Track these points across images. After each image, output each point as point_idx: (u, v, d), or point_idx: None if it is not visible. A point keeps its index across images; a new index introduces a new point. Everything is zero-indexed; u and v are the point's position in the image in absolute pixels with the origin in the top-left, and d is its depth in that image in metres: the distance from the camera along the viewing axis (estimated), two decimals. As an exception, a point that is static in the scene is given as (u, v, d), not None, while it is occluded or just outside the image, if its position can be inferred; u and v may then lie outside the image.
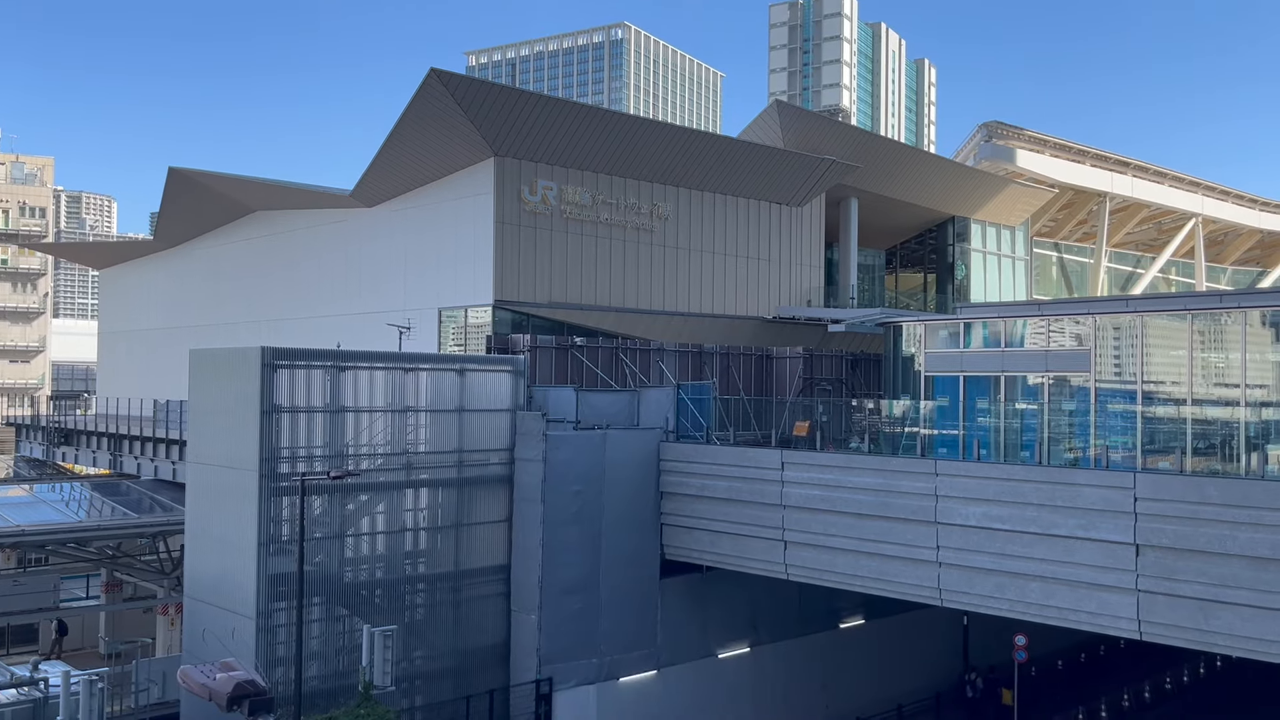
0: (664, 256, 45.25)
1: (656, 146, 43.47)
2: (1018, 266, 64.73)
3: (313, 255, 50.23)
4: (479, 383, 30.77)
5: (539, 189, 40.68)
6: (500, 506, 30.92)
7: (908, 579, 26.71)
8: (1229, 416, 29.47)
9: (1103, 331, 33.76)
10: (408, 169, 42.48)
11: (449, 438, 30.10)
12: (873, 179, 52.87)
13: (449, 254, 41.71)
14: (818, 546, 28.47)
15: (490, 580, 30.67)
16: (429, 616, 29.63)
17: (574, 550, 30.34)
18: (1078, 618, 23.93)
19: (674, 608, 32.50)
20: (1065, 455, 30.14)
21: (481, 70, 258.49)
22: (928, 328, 38.16)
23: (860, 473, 27.81)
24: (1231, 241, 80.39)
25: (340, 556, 28.01)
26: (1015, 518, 24.64)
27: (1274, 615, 20.85)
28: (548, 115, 39.58)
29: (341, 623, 27.77)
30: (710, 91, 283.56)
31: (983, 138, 61.65)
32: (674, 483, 31.90)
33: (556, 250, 41.34)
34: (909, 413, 34.70)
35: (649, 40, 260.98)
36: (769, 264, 49.63)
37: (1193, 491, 22.12)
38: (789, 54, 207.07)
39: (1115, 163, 67.14)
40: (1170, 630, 22.47)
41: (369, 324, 43.05)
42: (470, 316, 40.99)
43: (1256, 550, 21.03)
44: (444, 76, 37.00)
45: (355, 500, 28.56)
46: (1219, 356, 32.25)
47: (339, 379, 28.01)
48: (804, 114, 53.60)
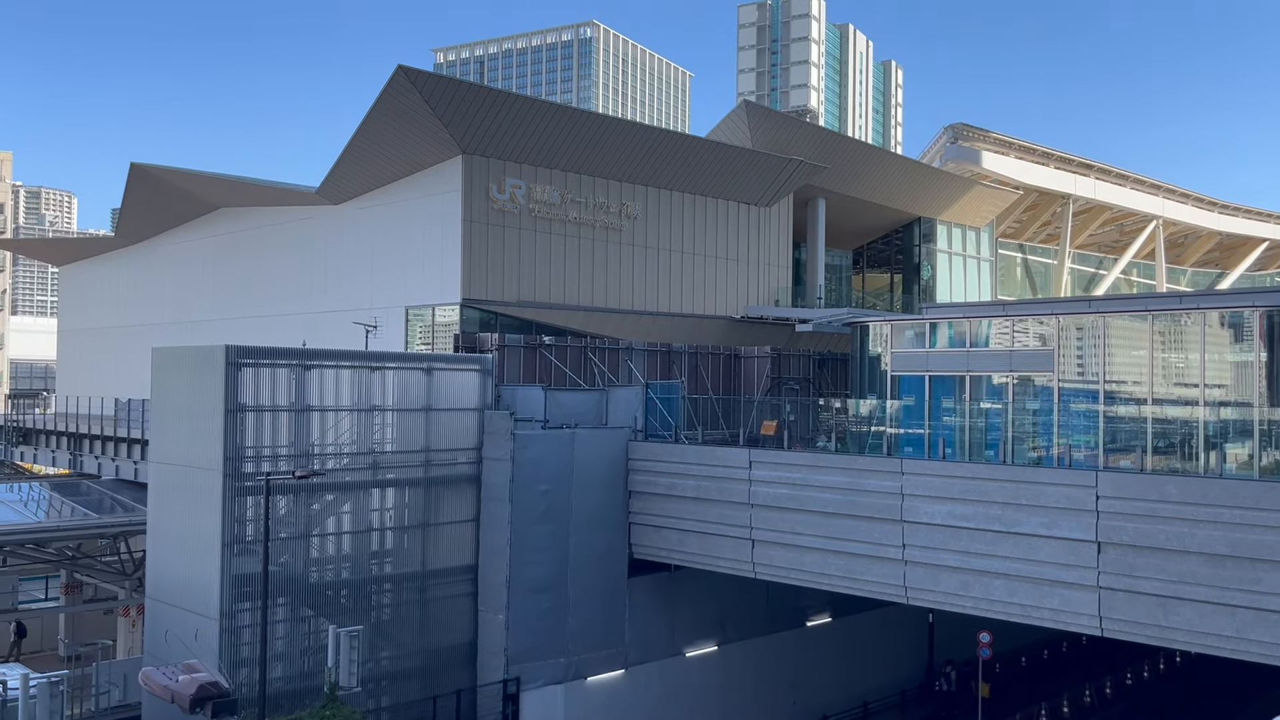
0: (633, 256, 45.26)
1: (625, 146, 43.47)
2: (983, 267, 65.38)
3: (278, 253, 49.76)
4: (446, 382, 30.62)
5: (507, 187, 40.55)
6: (467, 506, 30.78)
7: (874, 577, 26.90)
8: (1188, 416, 29.92)
9: (1066, 332, 34.16)
10: (375, 166, 42.18)
11: (416, 437, 29.92)
12: (840, 180, 53.19)
13: (416, 252, 41.47)
14: (785, 545, 28.60)
15: (457, 580, 30.53)
16: (395, 616, 29.45)
17: (542, 550, 30.27)
18: (1040, 615, 24.21)
19: (642, 607, 32.52)
20: (1029, 454, 30.48)
21: (449, 68, 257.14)
22: (894, 327, 38.44)
23: (827, 471, 27.97)
24: (1191, 243, 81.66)
25: (305, 557, 27.77)
26: (980, 516, 24.88)
27: (1230, 611, 21.21)
28: (516, 113, 39.46)
29: (307, 623, 27.52)
30: (679, 91, 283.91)
31: (949, 139, 62.19)
32: (642, 482, 31.92)
33: (525, 249, 41.23)
34: (875, 412, 34.94)
35: (618, 39, 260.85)
36: (737, 264, 49.78)
37: (1153, 490, 22.45)
38: (757, 54, 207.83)
39: (1078, 165, 67.99)
40: (1130, 626, 22.79)
41: (335, 322, 42.72)
42: (438, 315, 40.79)
43: (1214, 547, 21.38)
44: (412, 74, 36.79)
45: (321, 500, 28.32)
46: (1179, 357, 32.74)
47: (304, 378, 27.76)
48: (772, 114, 53.82)
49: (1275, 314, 30.46)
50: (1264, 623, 20.80)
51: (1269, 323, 30.34)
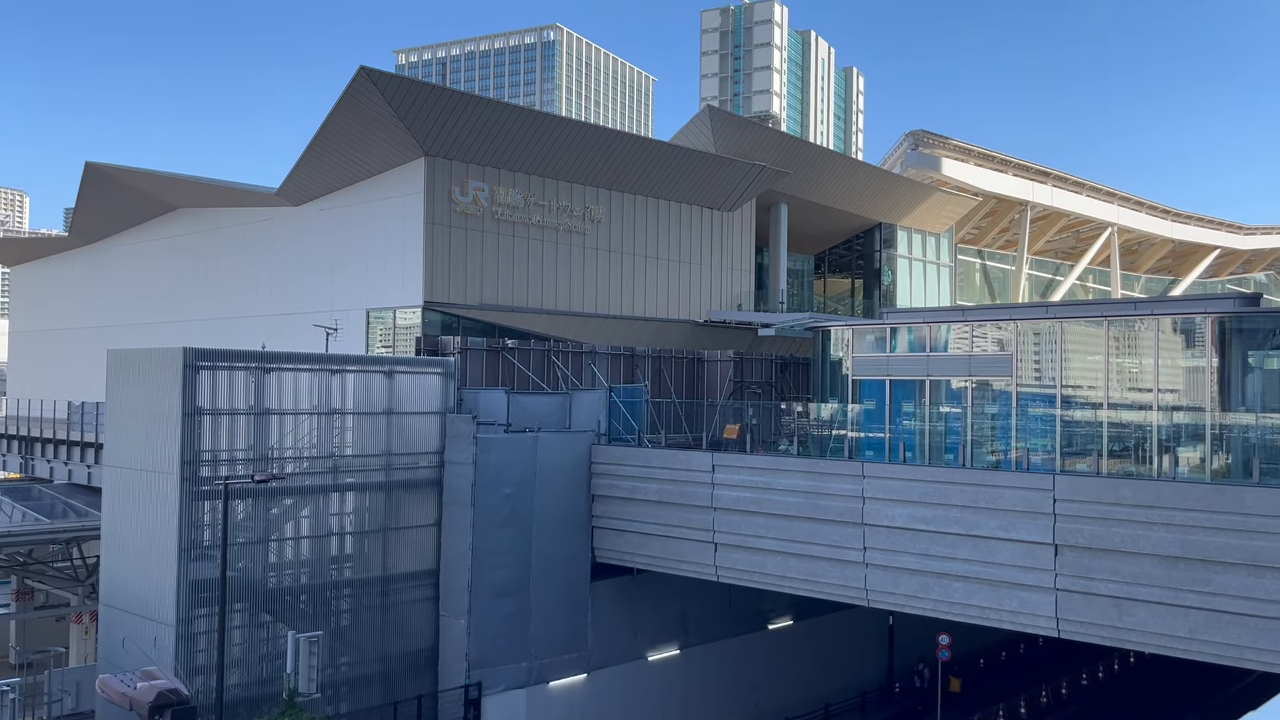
0: (596, 259, 45.26)
1: (589, 149, 43.47)
2: (942, 272, 66.10)
3: (237, 254, 49.19)
4: (408, 385, 30.42)
5: (470, 190, 40.39)
6: (429, 510, 30.59)
7: (835, 580, 27.08)
8: (1143, 420, 30.42)
9: (1024, 337, 34.58)
10: (336, 168, 41.84)
11: (377, 441, 29.70)
12: (802, 185, 53.54)
13: (378, 254, 41.18)
14: (748, 548, 28.71)
15: (419, 585, 30.33)
16: (356, 622, 29.18)
17: (504, 554, 30.15)
18: (999, 616, 24.49)
19: (605, 610, 32.49)
20: (988, 458, 30.85)
21: (411, 69, 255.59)
22: (855, 332, 38.71)
23: (789, 475, 28.12)
24: (1145, 250, 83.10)
25: (264, 562, 27.45)
26: (939, 519, 25.13)
27: (1183, 612, 21.59)
28: (479, 116, 39.32)
29: (265, 629, 27.21)
30: (642, 95, 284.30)
31: (909, 146, 62.82)
32: (605, 485, 31.90)
33: (488, 251, 41.08)
34: (837, 416, 35.19)
35: (581, 42, 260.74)
36: (700, 268, 49.94)
37: (1108, 493, 22.80)
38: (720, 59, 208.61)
39: (1036, 173, 68.98)
40: (1086, 628, 23.13)
41: (295, 325, 42.29)
42: (399, 318, 40.52)
43: (1167, 549, 21.76)
44: (374, 75, 36.55)
45: (280, 504, 28.01)
46: (1133, 362, 33.25)
47: (264, 381, 27.46)
48: (735, 120, 54.06)
49: (1226, 320, 31.06)
50: (1215, 623, 21.20)
51: (1220, 329, 30.92)
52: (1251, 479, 22.62)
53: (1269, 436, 26.78)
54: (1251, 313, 32.80)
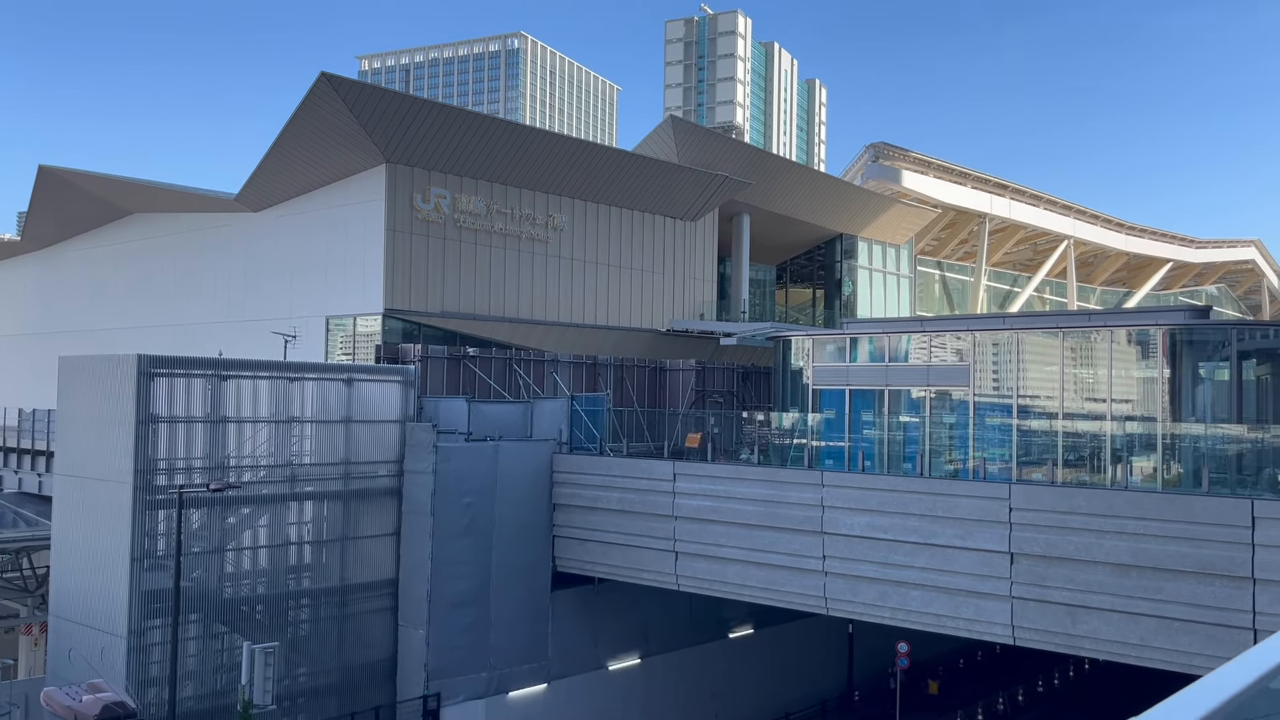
0: (559, 267, 45.21)
1: (552, 158, 43.45)
2: (902, 283, 66.73)
3: (194, 260, 48.57)
4: (367, 393, 30.20)
5: (432, 197, 40.20)
6: (388, 519, 30.35)
7: (795, 588, 27.22)
8: (1097, 430, 30.91)
9: (981, 348, 35.04)
10: (296, 173, 41.49)
11: (335, 449, 29.43)
12: (765, 196, 53.86)
13: (338, 261, 40.86)
14: (708, 557, 28.77)
15: (377, 595, 30.07)
16: (313, 632, 28.86)
17: (464, 563, 29.99)
18: (955, 624, 24.73)
19: (565, 620, 32.40)
20: (945, 467, 31.15)
21: (374, 75, 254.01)
22: (815, 342, 39.00)
23: (750, 484, 28.24)
24: (1101, 263, 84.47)
25: (220, 571, 27.09)
26: (897, 527, 25.35)
27: (1135, 620, 21.93)
28: (442, 123, 39.18)
29: (220, 640, 26.84)
30: (606, 104, 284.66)
31: (870, 158, 63.42)
32: (567, 494, 31.85)
33: (449, 259, 40.90)
34: (797, 425, 35.40)
35: (545, 51, 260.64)
36: (663, 277, 50.05)
37: (1062, 502, 23.13)
38: (684, 70, 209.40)
39: (994, 185, 69.89)
40: (1041, 635, 23.42)
41: (253, 332, 41.81)
42: (359, 325, 40.21)
43: (1119, 557, 22.11)
44: (335, 81, 36.31)
45: (237, 513, 27.67)
46: (1088, 373, 33.80)
47: (221, 388, 27.14)
48: (698, 130, 54.30)
49: (1177, 332, 31.67)
50: (1165, 630, 21.56)
51: (1171, 341, 31.52)
52: (1201, 488, 23.04)
53: (1218, 446, 27.31)
54: (1202, 325, 33.49)
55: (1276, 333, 34.13)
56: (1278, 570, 20.18)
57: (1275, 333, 34.39)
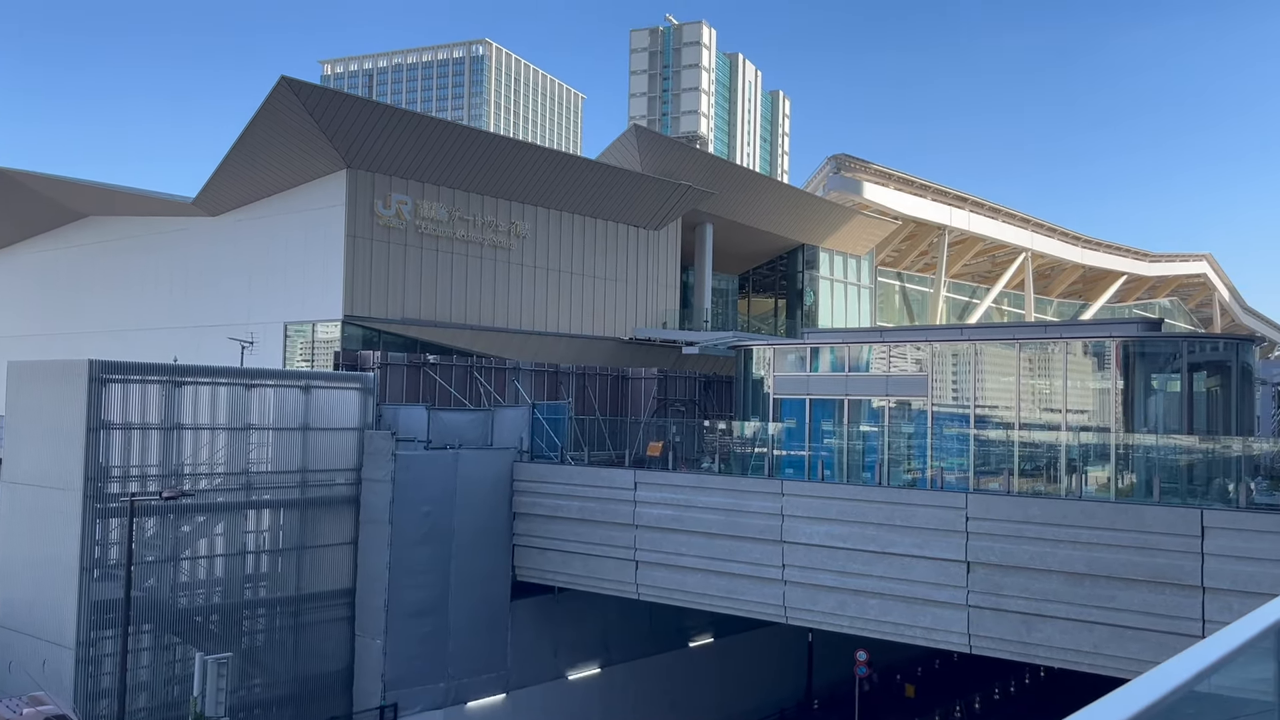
0: (521, 275, 45.09)
1: (515, 165, 43.37)
2: (863, 294, 67.30)
3: (150, 264, 47.89)
4: (325, 400, 29.89)
5: (393, 203, 39.96)
6: (346, 528, 30.04)
7: (755, 597, 27.27)
8: (1053, 440, 31.30)
9: (940, 358, 35.38)
10: (255, 178, 41.06)
11: (292, 457, 29.09)
12: (728, 206, 54.11)
13: (297, 267, 40.47)
14: (669, 566, 28.76)
15: (334, 604, 29.73)
16: (268, 642, 28.48)
17: (422, 572, 29.74)
18: (913, 633, 24.90)
19: (525, 629, 32.24)
20: (904, 476, 31.41)
21: (337, 80, 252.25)
22: (776, 351, 39.19)
23: (710, 492, 28.28)
24: (1058, 275, 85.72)
25: (173, 581, 26.65)
26: (856, 536, 25.50)
27: (1088, 628, 22.21)
28: (404, 128, 38.99)
29: (173, 651, 26.39)
30: (571, 112, 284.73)
31: (831, 169, 63.93)
32: (527, 503, 31.71)
33: (410, 266, 40.65)
34: (758, 434, 35.52)
35: (510, 58, 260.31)
36: (626, 285, 50.08)
37: (1018, 511, 23.38)
38: (649, 79, 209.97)
39: (954, 198, 70.73)
40: (996, 643, 23.64)
41: (210, 337, 41.30)
42: (318, 332, 39.83)
43: (1073, 566, 22.38)
44: (295, 85, 36.01)
45: (191, 522, 27.26)
46: (1045, 384, 34.23)
47: (175, 394, 26.74)
48: (662, 139, 54.47)
49: (1131, 344, 32.18)
50: (1118, 638, 21.85)
51: (1125, 353, 32.03)
52: (1153, 498, 23.42)
53: (1169, 457, 27.77)
54: (1154, 337, 34.06)
55: (1226, 345, 34.81)
56: (1226, 579, 20.54)
57: (1225, 345, 35.07)
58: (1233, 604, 20.35)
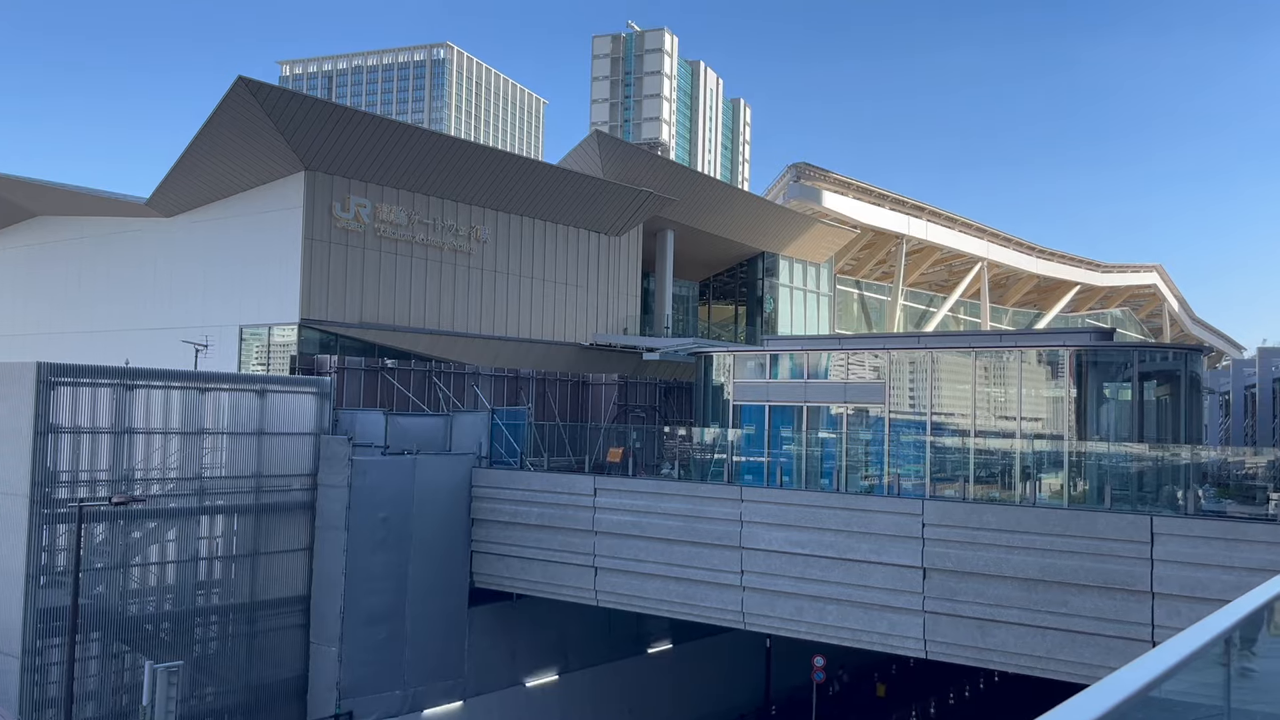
0: (481, 280, 44.87)
1: (476, 169, 43.18)
2: (822, 301, 67.77)
3: (102, 266, 47.05)
4: (281, 404, 29.53)
5: (352, 206, 39.60)
6: (301, 534, 29.68)
7: (713, 603, 27.32)
8: (1007, 447, 31.72)
9: (897, 366, 35.72)
10: (211, 179, 40.51)
11: (247, 462, 28.71)
12: (689, 213, 54.26)
13: (254, 269, 39.96)
14: (628, 572, 28.74)
15: (288, 611, 29.35)
16: (221, 650, 28.05)
17: (379, 579, 29.46)
18: (870, 638, 25.07)
19: (482, 636, 32.03)
20: (862, 483, 31.66)
21: (295, 81, 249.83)
22: (736, 358, 39.35)
23: (670, 499, 28.31)
24: (1013, 285, 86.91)
25: (123, 588, 26.16)
26: (814, 543, 25.64)
27: (1041, 633, 22.50)
28: (363, 131, 38.67)
29: (122, 659, 25.90)
30: (533, 117, 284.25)
31: (791, 178, 64.35)
32: (486, 509, 31.54)
33: (369, 269, 40.30)
34: (718, 440, 35.64)
35: (472, 62, 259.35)
36: (587, 291, 50.03)
37: (973, 517, 23.65)
38: (611, 85, 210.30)
39: (912, 207, 71.49)
40: (952, 649, 23.87)
41: (163, 340, 40.63)
42: (275, 335, 39.34)
43: (1027, 572, 22.67)
44: (252, 85, 35.58)
45: (142, 527, 26.78)
46: (1000, 391, 34.68)
47: (127, 398, 26.27)
48: (623, 145, 54.51)
49: (1083, 353, 32.69)
50: (1070, 643, 22.16)
51: (1078, 361, 32.53)
52: (1104, 504, 23.79)
53: (1120, 464, 28.24)
54: (1106, 347, 34.63)
55: (1175, 355, 35.48)
56: (1175, 584, 20.91)
57: (1174, 355, 35.75)
58: (1181, 609, 20.73)
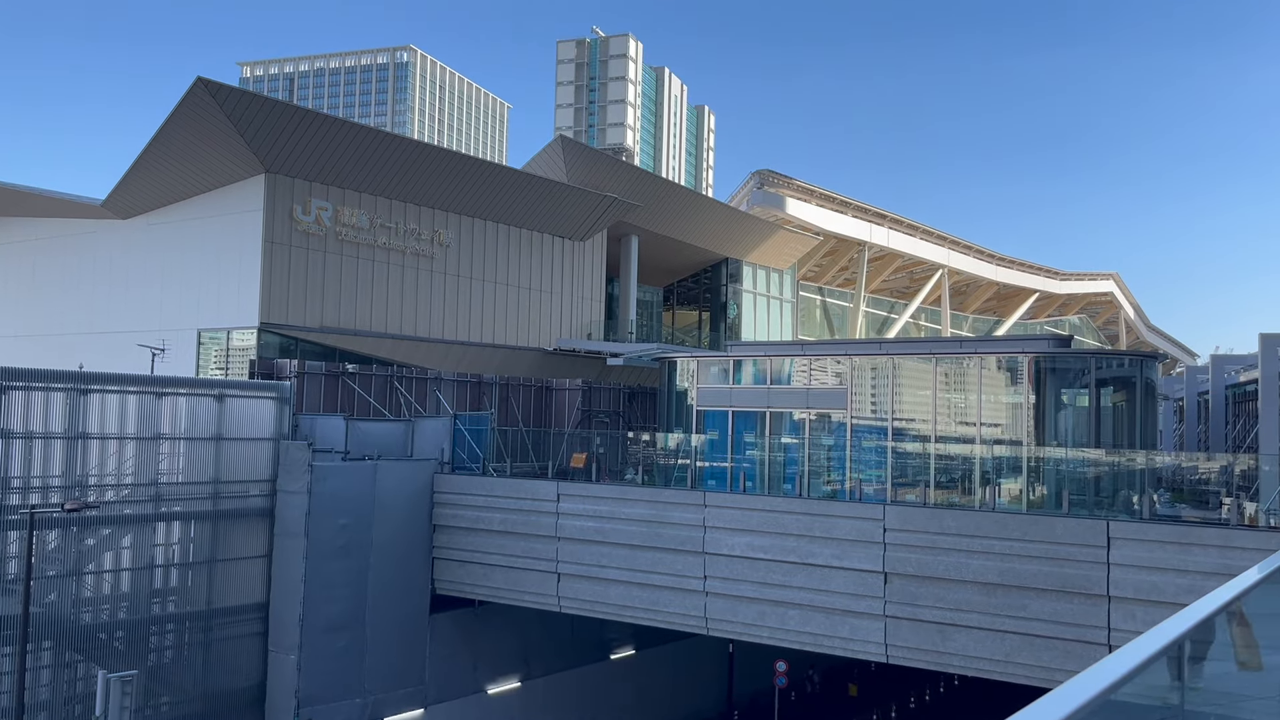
0: (444, 284, 44.62)
1: (439, 173, 42.95)
2: (785, 308, 68.12)
3: (56, 268, 46.24)
4: (240, 409, 29.15)
5: (313, 209, 39.24)
6: (260, 541, 29.30)
7: (676, 609, 27.32)
8: (967, 453, 32.04)
9: (859, 372, 35.98)
10: (169, 181, 39.96)
11: (204, 467, 28.30)
12: (653, 218, 54.33)
13: (212, 272, 39.46)
14: (591, 578, 28.67)
15: (246, 619, 28.95)
16: (177, 659, 27.62)
17: (339, 586, 29.16)
18: (831, 643, 25.19)
19: (444, 643, 31.80)
20: (824, 488, 31.84)
21: (256, 83, 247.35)
22: (700, 363, 39.44)
23: (633, 504, 28.28)
24: (973, 292, 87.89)
25: (75, 596, 25.67)
26: (776, 548, 25.73)
27: (1000, 636, 22.73)
28: (325, 133, 38.34)
29: (74, 669, 25.41)
30: (497, 122, 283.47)
31: (755, 185, 64.64)
32: (448, 515, 31.33)
33: (330, 273, 39.93)
34: (681, 445, 35.68)
35: (436, 66, 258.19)
36: (551, 296, 49.92)
37: (933, 522, 23.85)
38: (576, 90, 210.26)
39: (874, 214, 72.08)
40: (913, 653, 24.04)
41: (119, 344, 39.99)
42: (234, 339, 38.85)
43: (987, 576, 22.90)
44: (212, 87, 35.17)
45: (96, 534, 26.31)
46: (960, 397, 35.03)
47: (81, 402, 25.81)
48: (588, 151, 54.47)
49: (1042, 360, 33.12)
50: (1029, 646, 22.40)
51: (1036, 368, 32.95)
52: (1062, 509, 24.09)
53: (1078, 469, 28.62)
54: (1064, 353, 35.10)
55: (1131, 362, 36.05)
56: (1130, 588, 21.22)
57: (1130, 362, 36.32)
58: (1136, 612, 21.03)
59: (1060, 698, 2.89)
